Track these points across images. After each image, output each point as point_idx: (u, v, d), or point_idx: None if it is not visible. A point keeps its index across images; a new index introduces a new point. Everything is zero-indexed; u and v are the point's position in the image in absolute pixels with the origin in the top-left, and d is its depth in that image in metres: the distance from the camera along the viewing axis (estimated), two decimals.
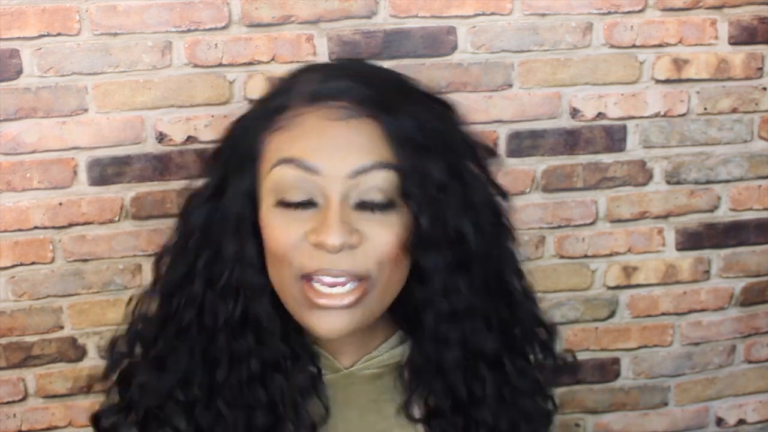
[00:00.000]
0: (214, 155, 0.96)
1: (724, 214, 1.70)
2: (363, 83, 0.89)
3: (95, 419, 0.97)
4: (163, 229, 1.56)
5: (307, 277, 0.86)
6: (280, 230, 0.87)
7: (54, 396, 1.61)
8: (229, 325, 0.91)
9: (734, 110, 1.66)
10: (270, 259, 0.89)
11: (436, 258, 0.89)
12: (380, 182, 0.86)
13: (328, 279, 0.85)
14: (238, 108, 1.53)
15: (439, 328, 0.92)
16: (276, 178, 0.87)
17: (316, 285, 0.86)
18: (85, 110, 1.50)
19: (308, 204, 0.86)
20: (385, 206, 0.86)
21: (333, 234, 0.83)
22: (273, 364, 0.92)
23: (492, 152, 0.98)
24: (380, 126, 0.87)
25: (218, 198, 0.92)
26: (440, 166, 0.88)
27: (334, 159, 0.85)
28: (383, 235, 0.86)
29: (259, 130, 0.90)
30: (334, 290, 0.86)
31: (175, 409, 0.92)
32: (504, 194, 0.97)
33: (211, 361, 0.92)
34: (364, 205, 0.86)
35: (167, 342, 0.94)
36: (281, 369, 0.92)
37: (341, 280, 0.85)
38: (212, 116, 1.53)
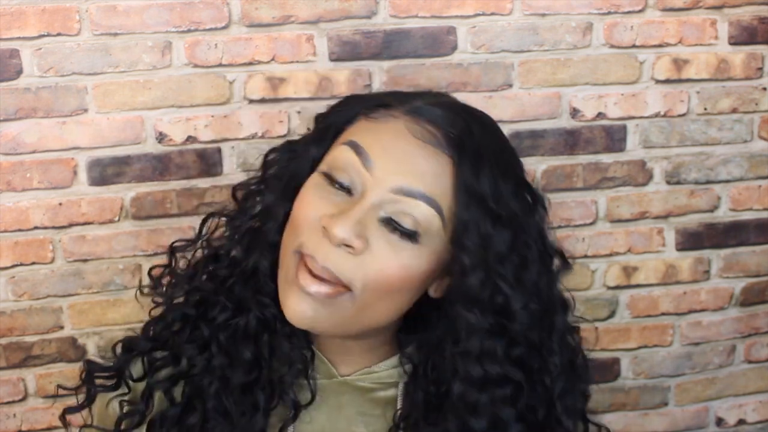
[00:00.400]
0: (323, 115, 0.97)
1: (724, 214, 1.70)
2: (466, 127, 0.88)
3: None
4: (163, 229, 1.56)
5: (302, 256, 0.85)
6: (309, 200, 0.87)
7: (54, 396, 1.60)
8: (242, 272, 0.92)
9: (734, 110, 1.66)
10: (289, 222, 0.89)
11: (479, 318, 0.86)
12: (417, 213, 0.84)
13: (308, 276, 0.84)
14: (238, 108, 1.53)
15: (466, 392, 0.88)
16: (336, 154, 0.87)
17: (305, 268, 0.84)
18: (85, 110, 1.50)
19: (347, 190, 0.86)
20: (409, 235, 0.84)
21: (341, 226, 0.82)
22: (268, 326, 0.92)
23: (567, 264, 0.95)
24: (455, 170, 0.85)
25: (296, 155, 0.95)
26: (505, 238, 0.86)
27: (391, 166, 0.84)
28: (389, 258, 0.84)
29: (358, 111, 0.91)
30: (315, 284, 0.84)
31: (178, 342, 0.95)
32: (566, 303, 0.96)
33: (217, 304, 0.94)
34: (389, 223, 0.84)
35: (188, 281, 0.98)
36: (274, 332, 0.92)
37: (317, 281, 0.84)
38: (212, 116, 1.53)
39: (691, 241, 1.69)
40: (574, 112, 1.61)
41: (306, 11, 1.51)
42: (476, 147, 0.87)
